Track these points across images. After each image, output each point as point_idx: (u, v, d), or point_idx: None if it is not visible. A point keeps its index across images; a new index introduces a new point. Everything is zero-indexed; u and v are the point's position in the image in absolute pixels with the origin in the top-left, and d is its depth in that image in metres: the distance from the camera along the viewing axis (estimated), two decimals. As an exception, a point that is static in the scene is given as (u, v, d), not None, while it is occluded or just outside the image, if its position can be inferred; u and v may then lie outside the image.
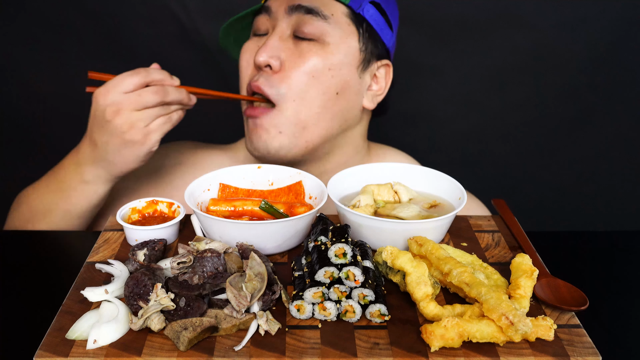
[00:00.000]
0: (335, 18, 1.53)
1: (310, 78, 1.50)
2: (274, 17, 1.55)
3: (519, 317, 0.95)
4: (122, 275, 1.11)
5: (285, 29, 1.53)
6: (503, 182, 2.66)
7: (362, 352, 0.96)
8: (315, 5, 1.51)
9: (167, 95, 1.39)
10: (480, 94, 2.53)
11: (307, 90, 1.50)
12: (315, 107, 1.51)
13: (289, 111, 1.50)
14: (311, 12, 1.50)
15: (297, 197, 1.37)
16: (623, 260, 1.47)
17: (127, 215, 1.30)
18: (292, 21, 1.52)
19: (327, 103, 1.53)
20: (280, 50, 1.50)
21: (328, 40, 1.51)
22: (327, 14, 1.52)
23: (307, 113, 1.51)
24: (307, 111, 1.51)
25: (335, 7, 1.54)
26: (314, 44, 1.51)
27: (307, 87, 1.50)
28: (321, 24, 1.51)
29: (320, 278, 1.04)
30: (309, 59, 1.49)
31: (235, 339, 0.99)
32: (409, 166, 1.45)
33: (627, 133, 2.60)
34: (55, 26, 2.38)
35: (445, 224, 1.25)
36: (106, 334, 0.97)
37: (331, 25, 1.52)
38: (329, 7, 1.53)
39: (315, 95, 1.51)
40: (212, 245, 1.14)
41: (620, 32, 2.39)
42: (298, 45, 1.52)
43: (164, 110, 1.41)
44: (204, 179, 1.36)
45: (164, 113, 1.41)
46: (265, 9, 1.56)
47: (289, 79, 1.49)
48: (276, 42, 1.51)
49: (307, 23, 1.50)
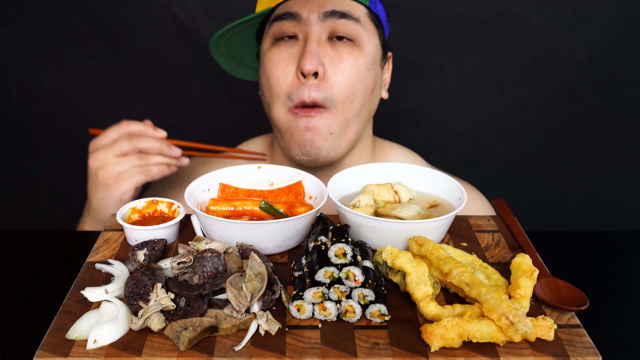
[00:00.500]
0: (362, 19, 1.59)
1: (355, 80, 1.56)
2: (304, 23, 1.56)
3: (519, 317, 0.95)
4: (122, 275, 1.11)
5: (320, 34, 1.56)
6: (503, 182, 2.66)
7: (362, 352, 0.96)
8: (347, 9, 1.56)
9: (139, 142, 1.48)
10: (480, 94, 2.54)
11: (354, 91, 1.57)
12: (357, 106, 1.59)
13: (339, 112, 1.57)
14: (345, 16, 1.55)
15: (297, 197, 1.37)
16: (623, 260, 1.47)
17: (127, 215, 1.30)
18: (327, 26, 1.56)
19: (365, 101, 1.61)
20: (322, 56, 1.54)
21: (362, 42, 1.58)
22: (357, 17, 1.58)
23: (351, 112, 1.59)
24: (352, 110, 1.58)
25: (359, 8, 1.60)
26: (351, 46, 1.57)
27: (353, 89, 1.56)
28: (355, 26, 1.57)
29: (321, 278, 1.04)
30: (351, 62, 1.56)
31: (235, 339, 0.99)
32: (409, 166, 1.45)
33: (627, 133, 2.60)
34: (55, 26, 2.38)
35: (445, 224, 1.25)
36: (106, 334, 0.97)
37: (362, 26, 1.58)
38: (357, 10, 1.59)
39: (359, 94, 1.58)
40: (212, 245, 1.14)
41: (620, 32, 2.39)
42: (336, 49, 1.56)
43: (141, 160, 1.48)
44: (204, 179, 1.36)
45: (142, 164, 1.48)
46: (292, 15, 1.56)
47: (338, 84, 1.55)
48: (317, 49, 1.54)
49: (343, 26, 1.56)
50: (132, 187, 1.49)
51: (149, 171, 1.49)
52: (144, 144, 1.49)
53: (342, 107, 1.56)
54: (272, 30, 1.60)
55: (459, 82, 2.51)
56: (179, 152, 1.54)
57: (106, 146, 1.49)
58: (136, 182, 1.49)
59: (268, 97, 1.62)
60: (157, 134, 1.52)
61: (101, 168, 1.48)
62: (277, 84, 1.58)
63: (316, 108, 1.55)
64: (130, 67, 2.47)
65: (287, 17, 1.57)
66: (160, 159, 1.51)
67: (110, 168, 1.47)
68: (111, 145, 1.48)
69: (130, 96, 2.53)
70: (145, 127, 1.52)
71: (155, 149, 1.51)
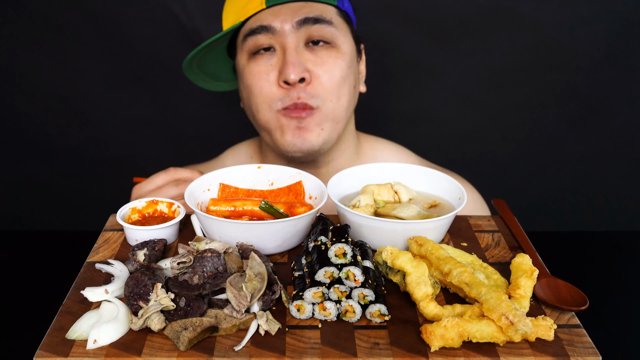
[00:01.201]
0: (335, 20, 1.61)
1: (339, 80, 1.59)
2: (279, 34, 1.56)
3: (519, 317, 0.95)
4: (122, 275, 1.11)
5: (297, 42, 1.57)
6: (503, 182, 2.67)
7: (362, 352, 0.96)
8: (319, 13, 1.58)
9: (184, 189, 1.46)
10: (480, 94, 2.54)
11: (340, 90, 1.60)
12: (345, 103, 1.63)
13: (328, 110, 1.60)
14: (318, 21, 1.57)
15: (297, 197, 1.37)
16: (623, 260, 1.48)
17: (127, 215, 1.30)
18: (302, 33, 1.57)
19: (350, 97, 1.65)
20: (304, 63, 1.56)
21: (338, 43, 1.60)
22: (329, 19, 1.59)
23: (340, 109, 1.62)
24: (340, 108, 1.62)
25: (329, 10, 1.61)
26: (329, 49, 1.59)
27: (339, 88, 1.60)
28: (329, 29, 1.58)
29: (320, 278, 1.04)
30: (332, 64, 1.58)
31: (235, 339, 0.99)
32: (409, 166, 1.45)
33: (627, 133, 2.60)
34: (55, 26, 2.38)
35: (445, 224, 1.25)
36: (106, 334, 0.97)
37: (335, 28, 1.60)
38: (328, 12, 1.60)
39: (345, 92, 1.62)
40: (212, 245, 1.14)
41: (620, 32, 2.39)
42: (316, 54, 1.58)
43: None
44: (204, 179, 1.36)
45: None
46: (265, 28, 1.56)
47: (324, 85, 1.57)
48: (297, 57, 1.55)
49: (318, 31, 1.57)
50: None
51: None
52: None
53: (330, 105, 1.59)
54: (247, 45, 1.60)
55: (458, 82, 2.51)
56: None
57: (152, 192, 1.47)
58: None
59: (254, 105, 1.62)
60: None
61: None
62: (262, 93, 1.59)
63: (306, 109, 1.57)
64: (130, 66, 2.47)
65: (260, 30, 1.57)
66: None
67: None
68: (157, 191, 1.47)
69: (129, 96, 2.53)
70: (192, 174, 1.50)
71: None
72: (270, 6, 1.57)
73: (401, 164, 1.45)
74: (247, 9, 1.59)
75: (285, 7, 1.57)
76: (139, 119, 2.56)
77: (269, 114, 1.60)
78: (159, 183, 1.49)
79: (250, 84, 1.60)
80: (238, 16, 1.61)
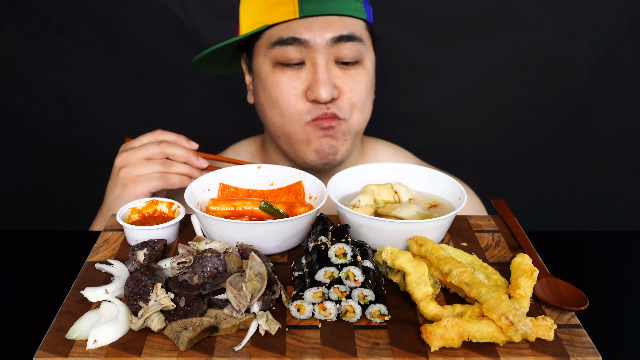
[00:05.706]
0: (364, 36, 1.61)
1: (365, 95, 1.63)
2: (312, 49, 1.54)
3: (519, 317, 0.95)
4: (122, 275, 1.11)
5: (329, 59, 1.56)
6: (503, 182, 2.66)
7: (362, 352, 0.96)
8: (352, 30, 1.57)
9: (167, 148, 1.50)
10: (480, 94, 2.54)
11: (364, 105, 1.64)
12: (367, 115, 1.68)
13: (354, 123, 1.63)
14: (351, 38, 1.56)
15: (297, 197, 1.37)
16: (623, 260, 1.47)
17: (127, 215, 1.30)
18: (334, 51, 1.56)
19: (371, 109, 1.69)
20: (333, 80, 1.56)
21: (365, 59, 1.61)
22: (360, 36, 1.59)
23: (363, 122, 1.67)
24: (363, 121, 1.67)
25: (360, 25, 1.60)
26: (357, 68, 1.60)
27: (364, 103, 1.63)
28: (359, 47, 1.58)
29: (320, 278, 1.04)
30: (360, 81, 1.60)
31: (235, 339, 0.99)
32: (409, 166, 1.45)
33: (627, 133, 2.60)
34: (55, 26, 2.38)
35: (445, 224, 1.25)
36: (106, 334, 0.97)
37: (364, 45, 1.60)
38: (358, 28, 1.59)
39: (368, 106, 1.67)
40: (212, 245, 1.14)
41: (620, 32, 2.39)
42: (345, 71, 1.59)
43: (164, 167, 1.49)
44: (204, 179, 1.36)
45: (163, 170, 1.49)
46: (298, 41, 1.53)
47: (352, 101, 1.60)
48: (328, 75, 1.55)
49: (350, 50, 1.57)
50: (147, 190, 1.48)
51: (168, 179, 1.49)
52: (171, 150, 1.50)
53: (356, 119, 1.62)
54: (275, 53, 1.56)
55: (458, 82, 2.51)
56: (206, 163, 1.54)
57: (134, 148, 1.51)
58: (153, 187, 1.49)
59: (278, 115, 1.61)
60: (188, 144, 1.53)
61: (123, 167, 1.50)
62: (288, 107, 1.58)
63: (335, 119, 1.59)
64: (130, 66, 2.47)
65: (292, 42, 1.54)
66: (184, 169, 1.51)
67: (131, 168, 1.49)
68: (139, 148, 1.50)
69: (129, 96, 2.53)
70: (177, 137, 1.53)
71: (182, 157, 1.51)
72: (303, 17, 1.54)
73: (401, 164, 1.45)
74: (277, 14, 1.55)
75: (319, 21, 1.54)
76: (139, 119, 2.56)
77: (297, 126, 1.59)
78: (144, 141, 1.53)
79: (275, 95, 1.58)
80: (263, 18, 1.57)
